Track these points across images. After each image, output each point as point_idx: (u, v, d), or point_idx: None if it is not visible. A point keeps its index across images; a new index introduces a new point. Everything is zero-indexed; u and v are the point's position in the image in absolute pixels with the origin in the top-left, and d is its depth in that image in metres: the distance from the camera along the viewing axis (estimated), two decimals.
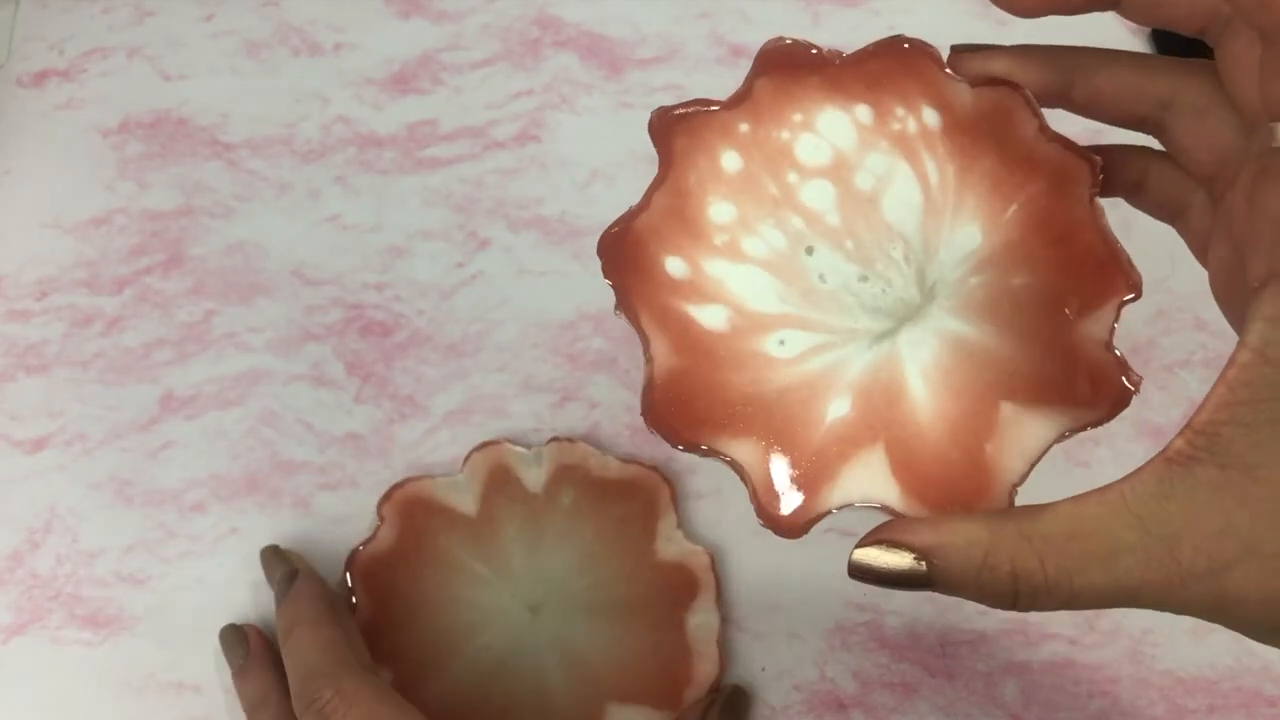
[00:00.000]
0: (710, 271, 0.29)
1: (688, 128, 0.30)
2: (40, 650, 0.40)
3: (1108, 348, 0.28)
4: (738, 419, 0.29)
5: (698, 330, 0.29)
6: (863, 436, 0.28)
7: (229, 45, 0.49)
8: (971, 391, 0.28)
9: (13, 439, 0.43)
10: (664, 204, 0.30)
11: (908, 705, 0.39)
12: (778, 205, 0.30)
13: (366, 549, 0.40)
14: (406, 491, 0.40)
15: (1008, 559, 0.24)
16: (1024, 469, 0.28)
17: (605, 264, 0.30)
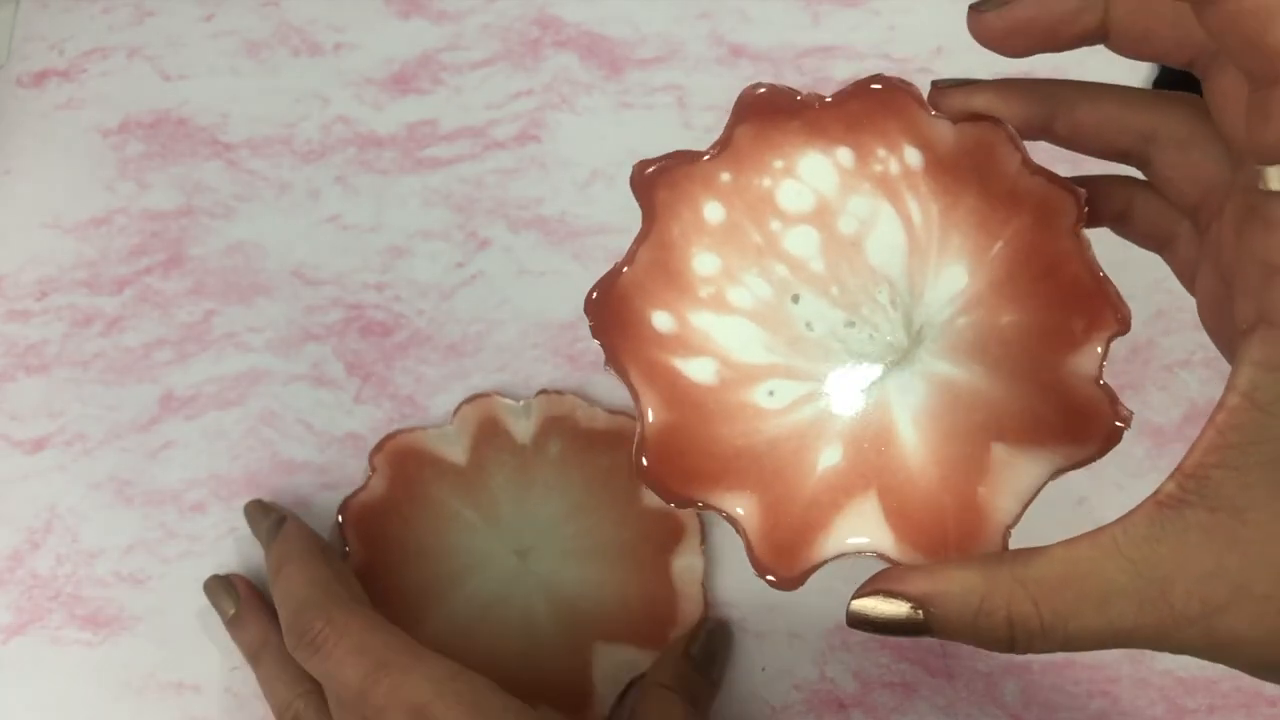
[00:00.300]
0: (696, 324, 0.29)
1: (669, 180, 0.30)
2: (40, 650, 0.40)
3: (1097, 383, 0.28)
4: (730, 472, 0.29)
5: (686, 384, 0.29)
6: (855, 485, 0.28)
7: (229, 45, 0.49)
8: (962, 434, 0.28)
9: (13, 439, 0.43)
10: (648, 258, 0.30)
11: (908, 705, 0.39)
12: (761, 254, 0.29)
13: (358, 498, 0.41)
14: (398, 442, 0.41)
15: (1003, 605, 0.25)
16: (1017, 510, 0.28)
17: (593, 324, 0.29)
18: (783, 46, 0.48)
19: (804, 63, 0.48)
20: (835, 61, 0.48)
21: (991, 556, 0.27)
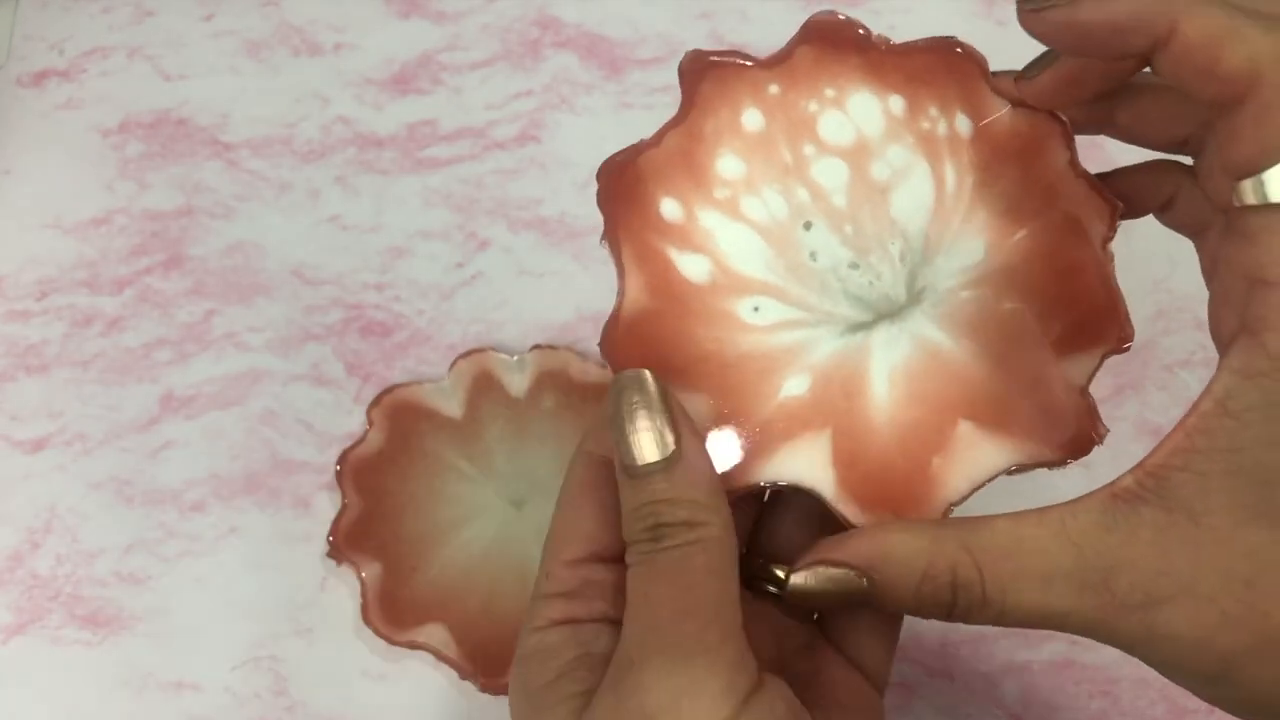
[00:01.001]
0: (704, 221, 0.29)
1: (718, 75, 0.30)
2: (40, 650, 0.40)
3: (1083, 394, 0.28)
4: (692, 372, 0.28)
5: (676, 276, 0.29)
6: (812, 419, 0.28)
7: (229, 45, 0.49)
8: (933, 402, 0.28)
9: (13, 439, 0.43)
10: (675, 145, 0.29)
11: (908, 705, 0.39)
12: (787, 173, 0.29)
13: (356, 450, 0.42)
14: (395, 397, 0.42)
15: (948, 569, 0.25)
16: (966, 491, 0.28)
17: (601, 190, 0.29)
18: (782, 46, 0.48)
19: None
20: None
21: (935, 522, 0.26)
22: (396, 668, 0.40)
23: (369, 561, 0.40)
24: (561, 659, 0.26)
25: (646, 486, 0.25)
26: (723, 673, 0.24)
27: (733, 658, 0.25)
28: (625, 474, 0.26)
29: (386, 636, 0.39)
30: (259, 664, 0.40)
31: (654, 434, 0.25)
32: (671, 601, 0.25)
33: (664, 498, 0.25)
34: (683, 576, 0.25)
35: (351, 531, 0.40)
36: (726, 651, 0.25)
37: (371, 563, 0.40)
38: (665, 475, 0.25)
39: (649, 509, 0.25)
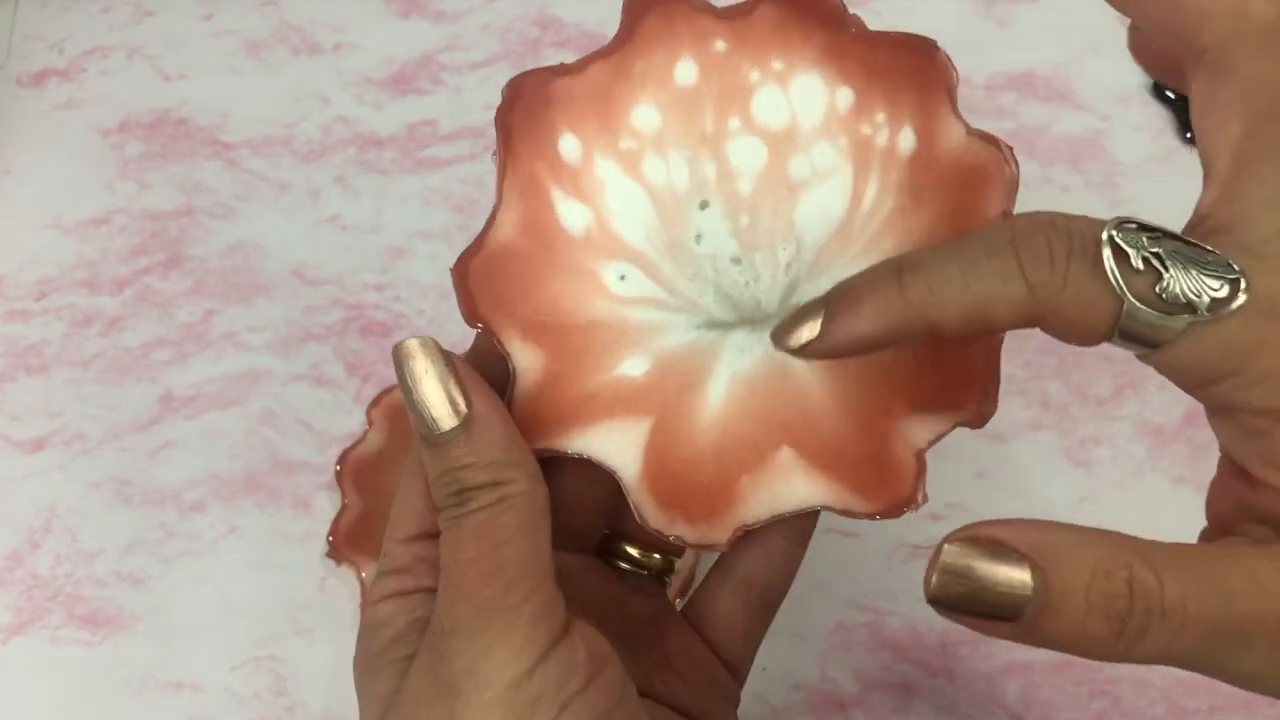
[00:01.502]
0: (599, 170, 0.27)
1: (665, 12, 0.27)
2: (40, 650, 0.40)
3: (918, 457, 0.26)
4: (533, 324, 0.27)
5: (552, 221, 0.27)
6: (637, 404, 0.27)
7: (229, 45, 0.49)
8: (764, 421, 0.27)
9: (12, 439, 0.43)
10: (596, 77, 0.27)
11: (909, 705, 0.39)
12: (703, 142, 0.27)
13: (356, 450, 0.42)
14: (394, 397, 0.42)
15: (1125, 566, 0.22)
16: (764, 517, 0.26)
17: (504, 104, 0.27)
18: None
19: None
20: None
21: (1101, 530, 0.23)
22: None
23: (369, 561, 0.40)
24: (393, 627, 0.27)
25: (446, 453, 0.25)
26: (521, 629, 0.24)
27: (534, 612, 0.25)
28: (424, 443, 0.26)
29: None
30: (259, 664, 0.40)
31: (445, 399, 0.25)
32: (478, 564, 0.25)
33: (464, 463, 0.25)
34: (490, 537, 0.25)
35: (351, 531, 0.40)
36: (528, 607, 0.25)
37: (371, 563, 0.40)
38: (463, 440, 0.25)
39: (451, 475, 0.25)
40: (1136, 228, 0.23)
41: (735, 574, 0.31)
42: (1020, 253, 0.23)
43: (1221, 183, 0.24)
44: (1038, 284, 0.22)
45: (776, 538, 0.30)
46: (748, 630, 0.31)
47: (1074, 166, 0.46)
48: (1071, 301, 0.22)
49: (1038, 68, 0.48)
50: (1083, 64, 0.28)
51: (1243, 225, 0.23)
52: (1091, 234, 0.22)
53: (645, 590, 0.31)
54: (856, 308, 0.24)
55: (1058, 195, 0.46)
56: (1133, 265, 0.22)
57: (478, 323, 0.27)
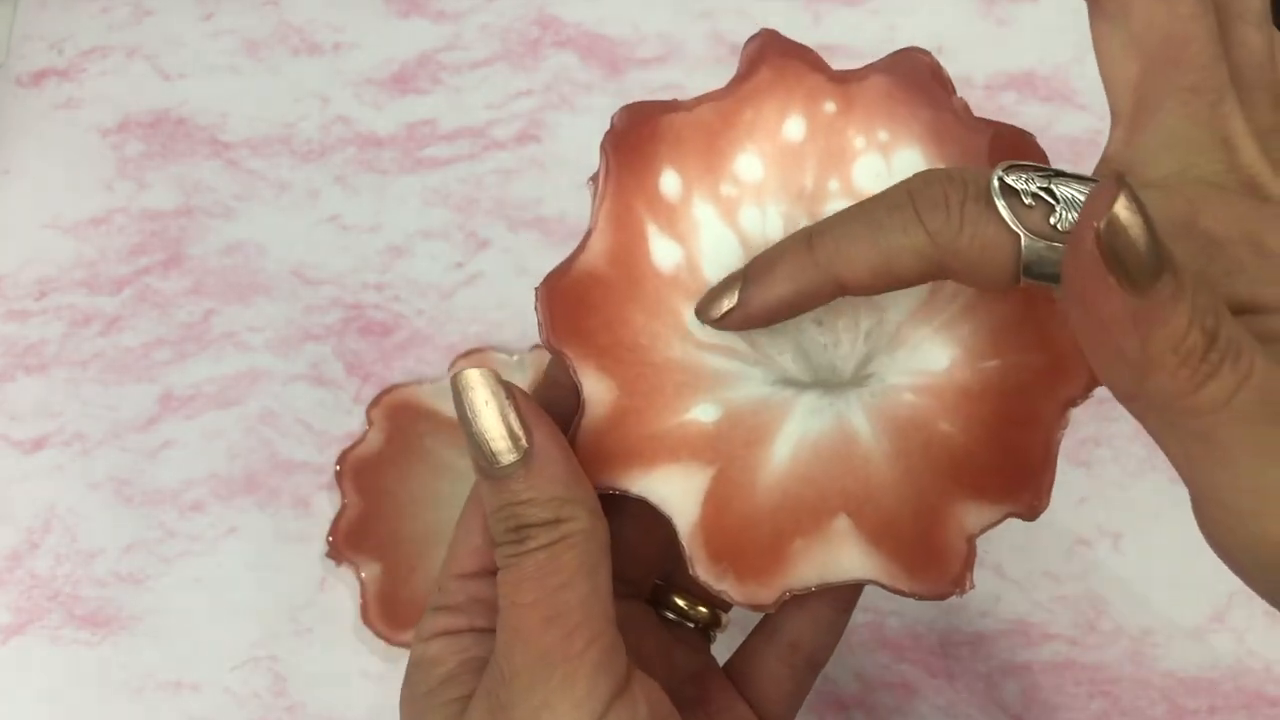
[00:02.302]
0: (696, 212, 0.27)
1: (780, 66, 0.27)
2: (40, 650, 0.40)
3: (969, 542, 0.26)
4: (611, 356, 0.26)
5: (644, 255, 0.27)
6: (703, 452, 0.26)
7: (228, 45, 0.49)
8: (823, 485, 0.26)
9: (12, 439, 0.43)
10: (705, 118, 0.27)
11: (908, 706, 0.39)
12: (800, 199, 0.27)
13: (356, 450, 0.42)
14: (394, 397, 0.42)
15: (1211, 291, 0.21)
16: (812, 583, 0.26)
17: (614, 131, 0.27)
18: None
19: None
20: (835, 61, 0.48)
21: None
22: (396, 668, 0.39)
23: (368, 561, 0.40)
24: (445, 666, 0.26)
25: (505, 487, 0.25)
26: (583, 680, 0.24)
27: (596, 660, 0.24)
28: (482, 476, 0.25)
29: (386, 636, 0.39)
30: (258, 664, 0.39)
31: (505, 433, 0.25)
32: (538, 608, 0.24)
33: (524, 498, 0.24)
34: (551, 578, 0.24)
35: (351, 531, 0.40)
36: (590, 655, 0.24)
37: (371, 563, 0.40)
38: (523, 475, 0.24)
39: (509, 510, 0.24)
40: (1026, 168, 0.23)
41: (782, 637, 0.30)
42: (917, 203, 0.23)
43: (1124, 125, 0.25)
44: (936, 230, 0.23)
45: (822, 603, 0.30)
46: (792, 694, 0.30)
47: (1074, 166, 0.46)
48: (970, 243, 0.23)
49: (1038, 68, 0.48)
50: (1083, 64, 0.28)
51: (1142, 165, 0.24)
52: (983, 178, 0.23)
53: (691, 643, 0.31)
54: (770, 273, 0.25)
55: None
56: (1023, 201, 0.23)
57: (554, 346, 0.26)
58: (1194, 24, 0.24)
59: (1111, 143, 0.25)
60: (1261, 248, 0.23)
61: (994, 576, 0.40)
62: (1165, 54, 0.24)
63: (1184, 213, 0.23)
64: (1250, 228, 0.23)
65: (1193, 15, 0.24)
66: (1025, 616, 0.40)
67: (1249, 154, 0.24)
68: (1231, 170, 0.24)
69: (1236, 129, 0.24)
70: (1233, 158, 0.24)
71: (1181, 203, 0.23)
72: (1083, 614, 0.40)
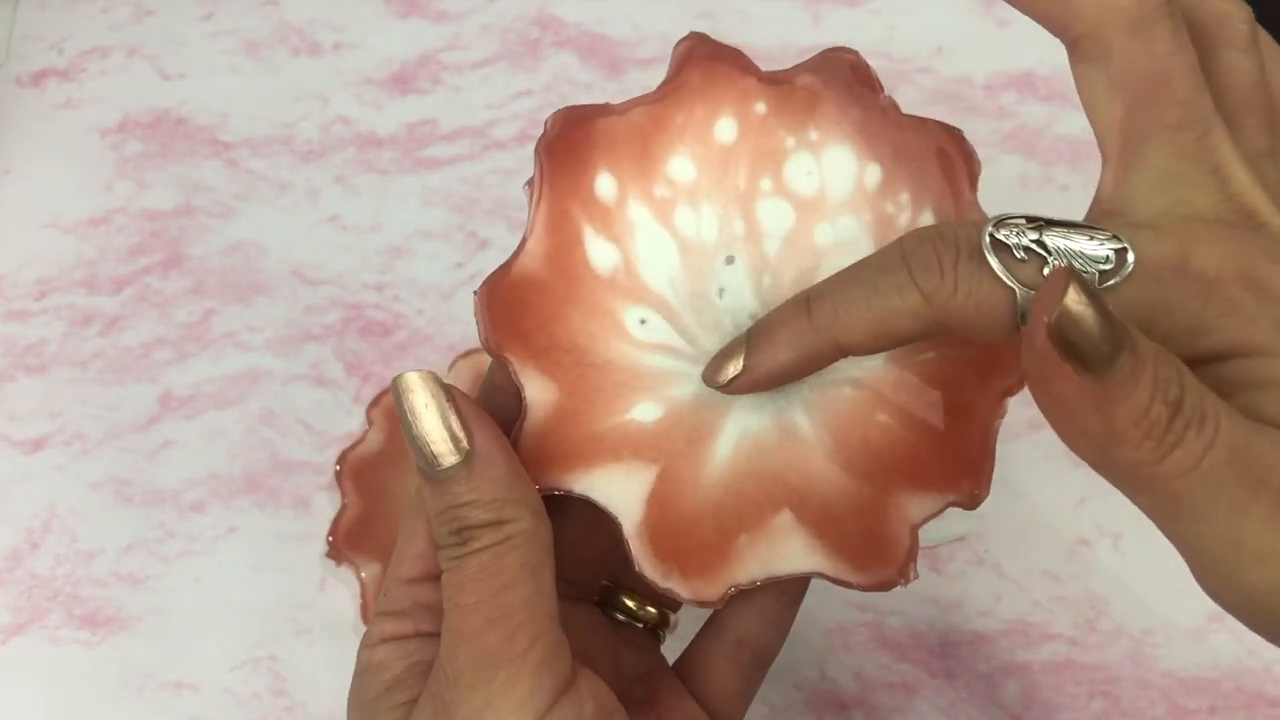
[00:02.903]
0: (631, 213, 0.27)
1: (710, 69, 0.28)
2: (39, 650, 0.40)
3: (911, 532, 0.27)
4: (550, 358, 0.26)
5: (581, 257, 0.27)
6: (645, 450, 0.26)
7: (228, 45, 0.49)
8: (767, 482, 0.27)
9: (12, 439, 0.43)
10: (638, 122, 0.28)
11: (908, 706, 0.39)
12: (734, 199, 0.27)
13: (355, 450, 0.42)
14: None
15: (1174, 360, 0.22)
16: (758, 578, 0.26)
17: (547, 136, 0.27)
18: (783, 46, 0.48)
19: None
20: None
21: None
22: None
23: (368, 561, 0.40)
24: (391, 671, 0.26)
25: (447, 489, 0.25)
26: (526, 679, 0.24)
27: (540, 659, 0.24)
28: (424, 478, 0.25)
29: None
30: (258, 664, 0.39)
31: (446, 435, 0.25)
32: (480, 608, 0.24)
33: (466, 500, 0.24)
34: (494, 579, 0.24)
35: (351, 531, 0.40)
36: (533, 655, 0.24)
37: (371, 563, 0.40)
38: (465, 476, 0.24)
39: (452, 513, 0.25)
40: (1016, 221, 0.23)
41: (729, 634, 0.30)
42: (911, 265, 0.23)
43: (1113, 166, 0.25)
44: (931, 292, 0.23)
45: (769, 598, 0.30)
46: (741, 690, 0.31)
47: (1074, 166, 0.46)
48: (966, 302, 0.23)
49: (1038, 68, 0.48)
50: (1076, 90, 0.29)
51: (1133, 206, 0.25)
52: (974, 235, 0.23)
53: (640, 644, 0.31)
54: (771, 340, 0.25)
55: (1058, 195, 0.46)
56: (1016, 257, 0.23)
57: (494, 349, 0.27)
58: (1172, 59, 0.24)
59: (1102, 185, 0.25)
60: (1255, 284, 0.23)
61: (994, 576, 0.40)
62: (1147, 92, 0.25)
63: (1175, 254, 0.23)
64: (1243, 264, 0.23)
65: (1170, 51, 0.24)
66: (1025, 616, 0.40)
67: (1241, 182, 0.24)
68: (1225, 200, 0.24)
69: (1226, 158, 0.24)
70: (1225, 187, 0.24)
71: (1172, 244, 0.23)
72: (1083, 614, 0.40)
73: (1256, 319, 0.23)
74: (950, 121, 0.28)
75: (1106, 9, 0.25)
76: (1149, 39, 0.24)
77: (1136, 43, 0.25)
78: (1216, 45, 0.26)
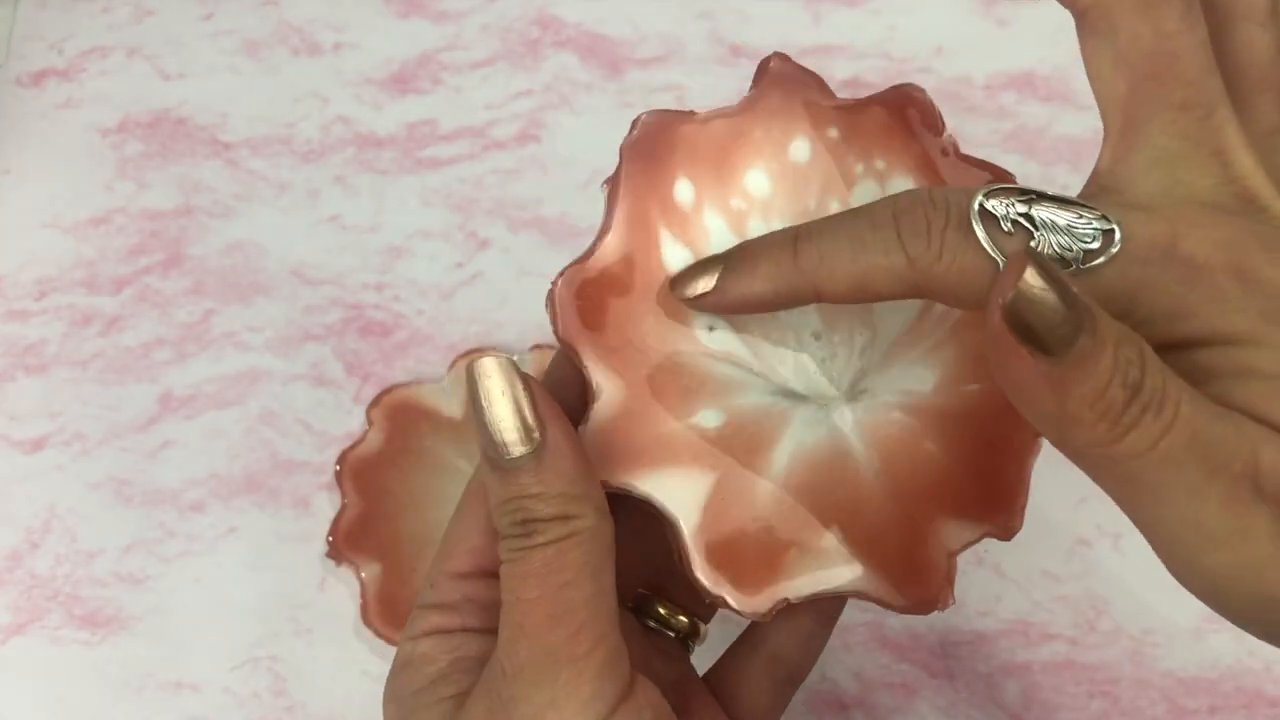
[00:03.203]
0: (707, 221, 0.28)
1: (790, 90, 0.28)
2: (39, 650, 0.40)
3: (949, 557, 0.27)
4: (620, 356, 0.27)
5: (656, 259, 0.27)
6: (706, 457, 0.27)
7: (228, 45, 0.49)
8: (817, 497, 0.27)
9: (12, 439, 0.43)
10: (719, 133, 0.28)
11: (908, 706, 0.39)
12: (803, 217, 0.28)
13: (356, 450, 0.42)
14: (394, 397, 0.43)
15: (1138, 341, 0.22)
16: (804, 594, 0.26)
17: (631, 137, 0.28)
18: (783, 46, 0.47)
19: (804, 62, 0.48)
20: (836, 61, 0.48)
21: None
22: None
23: (369, 561, 0.40)
24: (436, 665, 0.26)
25: (514, 480, 0.24)
26: (590, 681, 0.24)
27: (603, 661, 0.24)
28: (490, 466, 0.24)
29: (386, 636, 0.39)
30: (258, 664, 0.39)
31: (519, 424, 0.24)
32: (543, 605, 0.24)
33: (533, 492, 0.24)
34: (556, 575, 0.24)
35: (351, 531, 0.40)
36: (596, 656, 0.24)
37: (371, 563, 0.40)
38: (534, 468, 0.24)
39: (517, 504, 0.24)
40: (1009, 191, 0.23)
41: (765, 649, 0.30)
42: (900, 227, 0.23)
43: (1112, 143, 0.25)
44: (916, 256, 0.23)
45: (807, 616, 0.30)
46: (771, 706, 0.30)
47: (1074, 166, 0.46)
48: (949, 269, 0.23)
49: (1038, 68, 0.48)
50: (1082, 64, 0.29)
51: (1129, 184, 0.24)
52: (964, 204, 0.23)
53: (669, 653, 0.31)
54: (753, 267, 0.25)
55: None
56: (1003, 229, 0.23)
57: (567, 341, 0.27)
58: (1181, 39, 0.24)
59: (1101, 160, 0.25)
60: (1244, 273, 0.23)
61: (994, 576, 0.40)
62: (1152, 70, 0.24)
63: (1165, 236, 0.23)
64: (1234, 252, 0.23)
65: (1179, 30, 0.24)
66: (1025, 616, 0.40)
67: (1243, 165, 0.24)
68: (1226, 183, 0.24)
69: (1230, 140, 0.24)
70: (1226, 170, 0.24)
71: (1163, 226, 0.23)
72: (1083, 614, 0.40)
73: (1241, 308, 0.22)
74: (950, 122, 0.29)
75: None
76: (1158, 16, 0.24)
77: (1144, 20, 0.24)
78: (1234, 18, 0.26)
